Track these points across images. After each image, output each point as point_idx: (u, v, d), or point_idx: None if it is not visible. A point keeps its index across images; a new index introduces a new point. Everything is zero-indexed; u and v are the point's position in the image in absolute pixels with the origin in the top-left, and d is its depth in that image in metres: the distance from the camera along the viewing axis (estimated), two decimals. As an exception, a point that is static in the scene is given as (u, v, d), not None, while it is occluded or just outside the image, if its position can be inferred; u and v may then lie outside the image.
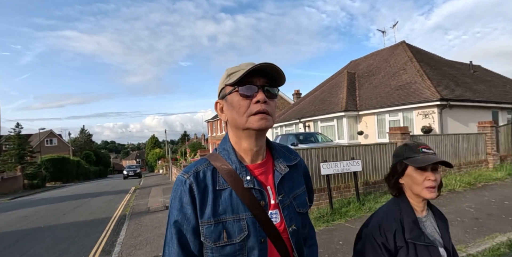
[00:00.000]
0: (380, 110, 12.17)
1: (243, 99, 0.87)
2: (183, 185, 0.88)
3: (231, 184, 0.88)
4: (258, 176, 0.93)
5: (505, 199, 5.74)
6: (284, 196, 0.94)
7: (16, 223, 8.69)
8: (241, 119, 0.87)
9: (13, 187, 24.33)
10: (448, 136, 7.85)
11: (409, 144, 1.26)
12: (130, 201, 11.51)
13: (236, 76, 0.87)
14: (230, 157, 0.93)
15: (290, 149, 1.10)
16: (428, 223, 1.23)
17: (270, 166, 0.97)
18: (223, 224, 0.85)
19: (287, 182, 0.96)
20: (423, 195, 1.17)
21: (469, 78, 14.14)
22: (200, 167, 0.92)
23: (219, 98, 0.95)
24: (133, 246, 5.25)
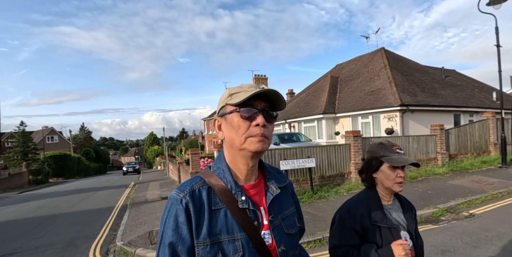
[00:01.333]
0: (354, 113, 13.62)
1: (243, 121, 0.88)
2: (179, 204, 0.86)
3: (226, 204, 0.88)
4: (252, 196, 0.94)
5: (430, 190, 7.20)
6: (273, 217, 0.95)
7: (34, 212, 10.14)
8: (239, 139, 0.88)
9: (19, 182, 25.72)
10: (398, 138, 9.32)
11: (384, 144, 1.42)
12: (130, 194, 12.95)
13: (238, 97, 0.89)
14: (225, 176, 0.93)
15: (279, 171, 1.13)
16: (393, 210, 1.42)
17: (262, 186, 0.98)
18: (218, 245, 0.85)
19: (277, 203, 0.97)
20: (393, 188, 1.37)
21: (438, 83, 15.57)
22: (196, 186, 0.91)
23: (218, 115, 0.96)
24: (134, 226, 6.70)
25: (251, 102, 0.88)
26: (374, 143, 1.48)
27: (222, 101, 0.94)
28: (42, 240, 6.22)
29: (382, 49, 18.10)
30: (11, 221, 8.81)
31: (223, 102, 0.94)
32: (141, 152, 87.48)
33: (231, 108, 0.90)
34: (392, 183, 1.35)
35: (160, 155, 47.59)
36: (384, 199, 1.42)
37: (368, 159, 1.44)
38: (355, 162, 8.05)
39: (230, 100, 0.91)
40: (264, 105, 0.91)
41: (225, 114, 0.92)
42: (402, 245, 1.26)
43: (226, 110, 0.92)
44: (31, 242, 6.12)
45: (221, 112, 0.95)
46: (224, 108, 0.94)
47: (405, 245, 1.26)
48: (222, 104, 0.94)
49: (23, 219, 8.90)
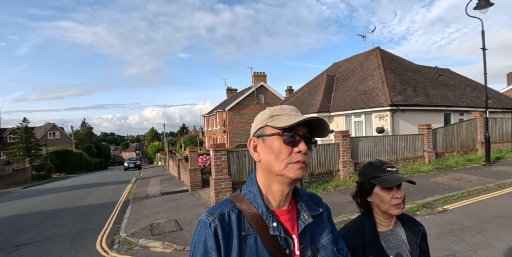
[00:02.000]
0: (347, 112, 14.09)
1: (285, 146, 0.85)
2: (208, 228, 0.85)
3: (256, 230, 0.86)
4: (284, 223, 0.91)
5: (412, 187, 7.71)
6: (304, 247, 0.91)
7: (41, 206, 10.69)
8: (279, 165, 0.86)
9: (23, 177, 26.34)
10: (386, 137, 9.82)
11: (373, 163, 1.32)
12: (132, 189, 13.50)
13: (281, 120, 0.87)
14: (256, 201, 0.90)
15: (313, 196, 1.07)
16: (393, 237, 1.29)
17: (295, 213, 0.94)
18: None
19: (309, 232, 0.94)
20: (390, 212, 1.24)
21: (430, 83, 16.01)
22: (225, 209, 0.89)
23: (255, 135, 0.93)
24: (136, 219, 7.23)
25: (293, 127, 0.86)
26: (364, 164, 1.39)
27: (261, 121, 0.92)
28: (52, 232, 6.77)
29: (377, 49, 18.49)
30: (20, 215, 9.37)
31: (262, 123, 0.91)
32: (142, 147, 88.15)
33: (273, 131, 0.88)
34: (388, 206, 1.24)
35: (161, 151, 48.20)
36: (382, 225, 1.31)
37: (360, 182, 1.34)
38: (344, 160, 8.56)
39: (271, 121, 0.89)
40: (305, 131, 0.88)
41: (264, 135, 0.90)
42: None
43: (266, 132, 0.89)
44: (42, 234, 6.67)
45: (258, 132, 0.92)
46: (263, 128, 0.91)
47: None
48: (261, 125, 0.92)
49: (31, 213, 9.45)
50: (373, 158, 9.44)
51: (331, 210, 1.08)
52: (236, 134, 30.24)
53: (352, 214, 5.81)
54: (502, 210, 5.67)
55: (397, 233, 1.30)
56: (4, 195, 16.03)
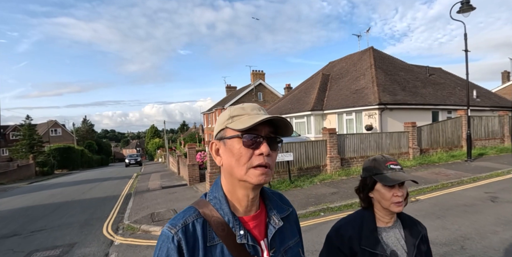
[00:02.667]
0: (339, 110, 14.71)
1: (245, 149, 0.81)
2: (171, 243, 0.80)
3: (222, 239, 0.83)
4: (251, 230, 0.88)
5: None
6: (275, 251, 0.89)
7: (48, 199, 11.38)
8: (239, 169, 0.82)
9: (27, 173, 27.06)
10: (372, 134, 10.44)
11: (377, 159, 1.31)
12: (134, 184, 14.17)
13: (241, 121, 0.83)
14: (222, 208, 0.87)
15: (281, 196, 1.05)
16: (391, 234, 1.28)
17: (263, 218, 0.92)
18: None
19: (279, 235, 0.91)
20: (391, 209, 1.24)
21: (421, 82, 16.60)
22: (189, 219, 0.84)
23: (216, 138, 0.89)
24: (138, 209, 7.89)
25: (254, 127, 0.81)
26: (368, 159, 1.38)
27: (222, 122, 0.87)
28: (62, 221, 7.44)
29: (371, 49, 19.04)
30: (30, 206, 10.05)
31: (223, 124, 0.87)
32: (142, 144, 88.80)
33: (232, 133, 0.83)
34: (389, 203, 1.24)
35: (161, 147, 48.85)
36: (382, 221, 1.31)
37: (363, 177, 1.35)
38: (331, 156, 9.21)
39: (230, 123, 0.84)
40: (268, 130, 0.84)
41: (225, 138, 0.85)
42: None
43: (226, 134, 0.85)
44: (53, 222, 7.34)
45: (219, 135, 0.88)
46: (223, 131, 0.86)
47: None
48: (221, 126, 0.87)
49: (40, 205, 10.13)
50: (360, 154, 10.12)
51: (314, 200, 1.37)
52: (235, 131, 30.90)
53: (331, 203, 6.46)
54: (467, 200, 6.33)
55: (396, 232, 1.29)
56: (11, 190, 16.72)
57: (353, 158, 9.82)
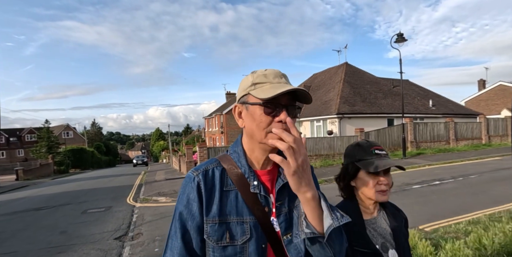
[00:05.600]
0: (311, 118, 17.94)
1: (266, 116, 0.86)
2: (192, 182, 0.91)
3: (238, 186, 0.91)
4: (265, 182, 0.94)
5: (331, 171, 11.53)
6: (281, 204, 0.93)
7: (78, 187, 14.73)
8: (260, 133, 0.87)
9: (47, 171, 30.55)
10: (325, 138, 13.63)
11: (361, 144, 1.22)
12: (143, 178, 17.49)
13: (263, 90, 0.86)
14: (240, 160, 0.94)
15: None
16: (378, 224, 1.22)
17: (276, 174, 0.97)
18: (226, 225, 0.88)
19: (288, 191, 0.91)
20: (375, 198, 1.15)
21: (382, 93, 19.74)
22: (210, 166, 0.94)
23: (239, 102, 0.93)
24: (149, 191, 11.15)
25: (276, 96, 0.82)
26: (351, 144, 1.27)
27: (245, 88, 0.91)
28: (96, 197, 10.75)
29: (345, 64, 22.25)
30: (67, 191, 13.40)
31: (245, 90, 0.90)
32: (147, 146, 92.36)
33: (254, 100, 0.87)
34: (373, 192, 1.14)
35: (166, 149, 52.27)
36: (366, 212, 1.21)
37: (345, 164, 1.24)
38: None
39: (253, 90, 0.88)
40: (288, 98, 0.86)
41: (247, 103, 0.89)
42: None
43: (248, 100, 0.89)
44: (91, 198, 10.66)
45: (242, 99, 0.92)
46: (246, 96, 0.90)
47: None
48: (244, 92, 0.91)
49: (74, 190, 13.48)
50: (315, 153, 13.31)
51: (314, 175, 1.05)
52: (232, 135, 34.11)
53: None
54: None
55: (382, 222, 1.22)
56: (40, 183, 20.13)
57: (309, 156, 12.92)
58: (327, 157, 13.49)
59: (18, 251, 5.22)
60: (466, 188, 7.63)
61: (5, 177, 25.61)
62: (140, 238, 5.50)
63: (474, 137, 18.54)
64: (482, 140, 18.69)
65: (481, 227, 4.16)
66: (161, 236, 5.41)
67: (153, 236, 5.54)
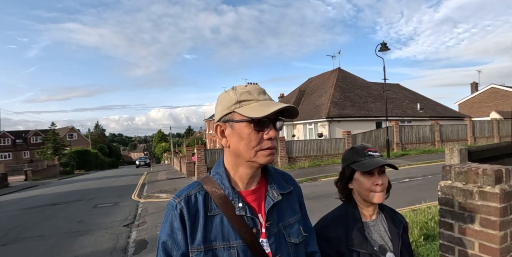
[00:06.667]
0: (304, 121, 19.03)
1: (255, 133, 0.86)
2: (174, 210, 0.88)
3: (222, 210, 0.88)
4: (250, 203, 0.93)
5: (318, 171, 12.59)
6: (271, 224, 0.93)
7: (85, 187, 15.88)
8: (249, 152, 0.86)
9: (53, 172, 31.76)
10: (314, 140, 14.72)
11: (355, 148, 1.26)
12: (146, 178, 18.63)
13: (252, 108, 0.86)
14: (223, 182, 0.92)
15: (285, 175, 1.08)
16: (376, 228, 1.24)
17: (263, 192, 0.96)
18: (212, 252, 0.85)
19: (277, 210, 0.95)
20: (370, 199, 1.18)
21: (372, 97, 20.81)
22: (192, 191, 0.92)
23: (222, 121, 0.91)
24: (152, 189, 12.28)
25: None
26: (347, 149, 1.32)
27: (228, 106, 0.88)
28: (104, 195, 11.89)
29: (338, 69, 23.33)
30: (76, 190, 14.56)
31: (229, 108, 0.88)
32: (149, 148, 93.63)
33: (241, 117, 0.86)
34: (368, 193, 1.18)
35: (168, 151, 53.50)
36: (365, 215, 1.25)
37: (342, 168, 1.29)
38: (281, 155, 13.52)
39: (239, 108, 0.87)
40: (274, 114, 0.86)
41: (232, 121, 0.87)
42: None
43: (234, 118, 0.87)
44: (99, 195, 11.80)
45: (225, 118, 0.89)
46: (230, 115, 0.88)
47: None
48: (227, 110, 0.88)
49: (83, 189, 14.64)
50: (303, 154, 14.40)
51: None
52: (231, 136, 35.21)
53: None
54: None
55: (380, 225, 1.26)
56: (49, 183, 21.31)
57: (298, 157, 14.14)
58: (315, 158, 14.58)
59: (44, 235, 6.35)
60: (430, 185, 8.68)
61: (14, 178, 26.84)
62: (145, 225, 6.62)
63: (459, 139, 19.53)
64: (467, 142, 19.68)
65: (415, 213, 5.26)
66: (162, 224, 6.53)
67: (155, 223, 6.66)
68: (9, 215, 9.11)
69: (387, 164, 1.17)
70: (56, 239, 6.00)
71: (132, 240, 5.61)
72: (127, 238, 5.78)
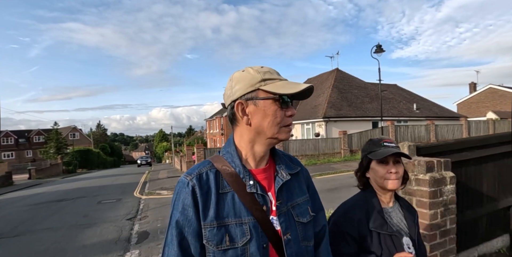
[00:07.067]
0: (302, 121, 19.45)
1: (281, 110, 0.89)
2: (186, 187, 0.89)
3: (234, 187, 0.90)
4: (261, 181, 0.94)
5: (313, 169, 13.03)
6: (281, 203, 0.94)
7: (89, 184, 16.35)
8: (273, 128, 0.89)
9: (56, 171, 32.28)
10: (311, 139, 15.14)
11: (373, 139, 1.37)
12: (147, 176, 19.08)
13: (278, 86, 0.88)
14: (233, 161, 0.94)
15: (291, 157, 1.10)
16: (394, 214, 1.34)
17: (272, 172, 0.98)
18: (225, 228, 0.87)
19: (286, 189, 0.97)
20: (385, 186, 1.28)
21: (369, 98, 21.21)
22: (203, 169, 0.92)
23: (243, 99, 0.91)
24: (153, 186, 12.72)
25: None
26: (366, 141, 1.43)
27: (252, 84, 0.90)
28: (108, 192, 12.35)
29: (336, 70, 23.75)
30: (80, 187, 15.03)
31: (253, 86, 0.90)
32: (151, 147, 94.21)
33: (267, 95, 0.88)
34: (383, 180, 1.28)
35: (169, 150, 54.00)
36: (383, 202, 1.35)
37: (361, 158, 1.41)
38: (278, 154, 13.97)
39: (264, 86, 0.89)
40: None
41: (257, 98, 0.89)
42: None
43: (259, 95, 0.89)
44: (103, 192, 12.26)
45: (248, 95, 0.90)
46: (254, 92, 0.90)
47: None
48: (252, 88, 0.90)
49: (87, 187, 15.10)
50: (300, 153, 14.82)
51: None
52: (232, 135, 35.64)
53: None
54: (344, 178, 11.00)
55: (397, 212, 1.35)
56: (53, 182, 21.80)
57: (295, 156, 14.49)
58: (312, 157, 15.02)
59: (53, 227, 6.80)
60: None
61: (18, 176, 27.36)
62: (146, 219, 7.06)
63: (455, 138, 19.93)
64: (462, 141, 20.06)
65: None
66: (162, 218, 6.96)
67: (157, 217, 7.10)
68: (17, 210, 9.58)
69: (400, 153, 1.27)
70: (64, 231, 6.45)
71: (135, 232, 6.04)
72: (130, 230, 6.21)
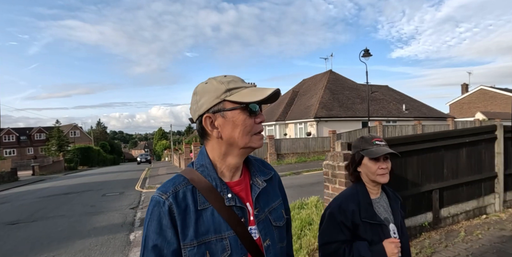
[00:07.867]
0: (295, 121, 20.38)
1: (250, 119, 0.88)
2: (162, 207, 0.85)
3: (212, 202, 0.88)
4: (238, 193, 0.94)
5: (303, 166, 13.95)
6: (259, 211, 0.95)
7: (92, 180, 17.27)
8: (244, 138, 0.88)
9: (58, 168, 33.19)
10: (302, 138, 16.05)
11: (364, 137, 1.50)
12: (147, 173, 20.00)
13: (244, 94, 0.87)
14: (210, 174, 0.91)
15: (264, 162, 1.11)
16: (381, 204, 1.49)
17: (247, 181, 0.98)
18: (205, 245, 0.85)
19: (262, 196, 0.97)
20: (377, 180, 1.42)
21: (360, 99, 22.11)
22: (179, 187, 0.88)
23: (211, 112, 0.89)
24: (153, 181, 13.63)
25: None
26: (357, 138, 1.56)
27: (217, 96, 0.87)
28: (111, 186, 13.26)
29: (329, 72, 24.65)
30: (84, 183, 15.95)
31: (219, 98, 0.87)
32: (150, 145, 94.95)
33: (233, 105, 0.87)
34: (375, 175, 1.41)
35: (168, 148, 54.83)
36: (372, 193, 1.48)
37: (352, 154, 1.51)
38: (270, 152, 14.87)
39: (230, 96, 0.87)
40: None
41: (224, 110, 0.87)
42: (395, 243, 1.35)
43: (225, 106, 0.87)
44: (106, 187, 13.18)
45: (215, 108, 0.88)
46: (221, 104, 0.88)
47: (397, 243, 1.35)
48: (217, 100, 0.87)
49: (90, 182, 16.02)
50: (291, 151, 15.75)
51: None
52: (229, 134, 36.60)
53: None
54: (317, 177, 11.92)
55: (383, 202, 1.50)
56: (56, 178, 22.71)
57: (286, 154, 15.50)
58: (302, 155, 15.95)
59: (65, 215, 7.72)
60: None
61: (21, 173, 28.25)
62: (147, 208, 7.99)
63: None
64: (448, 141, 20.99)
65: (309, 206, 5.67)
66: (162, 207, 7.90)
67: (156, 207, 8.02)
68: (29, 202, 10.49)
69: (391, 152, 1.40)
70: (76, 217, 7.38)
71: (137, 218, 6.97)
72: (133, 216, 7.14)
